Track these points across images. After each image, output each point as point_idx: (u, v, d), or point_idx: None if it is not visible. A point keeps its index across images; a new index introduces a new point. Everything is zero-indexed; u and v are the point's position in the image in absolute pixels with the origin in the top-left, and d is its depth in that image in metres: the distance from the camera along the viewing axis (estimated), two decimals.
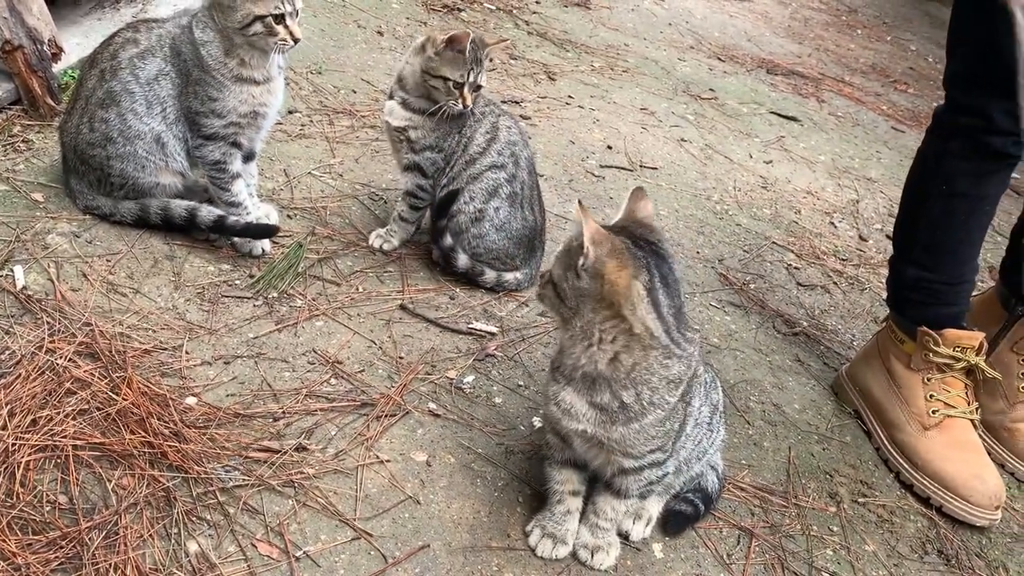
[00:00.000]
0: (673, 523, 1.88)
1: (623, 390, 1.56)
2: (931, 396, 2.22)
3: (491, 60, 2.39)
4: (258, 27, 2.15)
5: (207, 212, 2.29)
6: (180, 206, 2.29)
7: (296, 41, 2.20)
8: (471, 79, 2.31)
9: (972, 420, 2.22)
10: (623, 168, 3.44)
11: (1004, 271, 2.45)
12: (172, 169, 2.30)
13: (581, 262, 1.48)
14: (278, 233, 2.38)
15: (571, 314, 1.55)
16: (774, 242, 3.22)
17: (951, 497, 2.11)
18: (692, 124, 4.05)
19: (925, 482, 2.16)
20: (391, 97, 2.43)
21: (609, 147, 3.58)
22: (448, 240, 2.42)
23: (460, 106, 2.32)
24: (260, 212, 2.45)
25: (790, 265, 3.10)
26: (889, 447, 2.26)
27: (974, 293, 2.36)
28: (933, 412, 2.21)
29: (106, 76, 2.22)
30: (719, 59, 5.05)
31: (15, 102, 2.65)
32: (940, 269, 2.24)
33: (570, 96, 3.97)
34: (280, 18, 2.16)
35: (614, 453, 1.63)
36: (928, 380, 2.23)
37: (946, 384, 2.22)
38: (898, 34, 6.63)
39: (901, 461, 2.22)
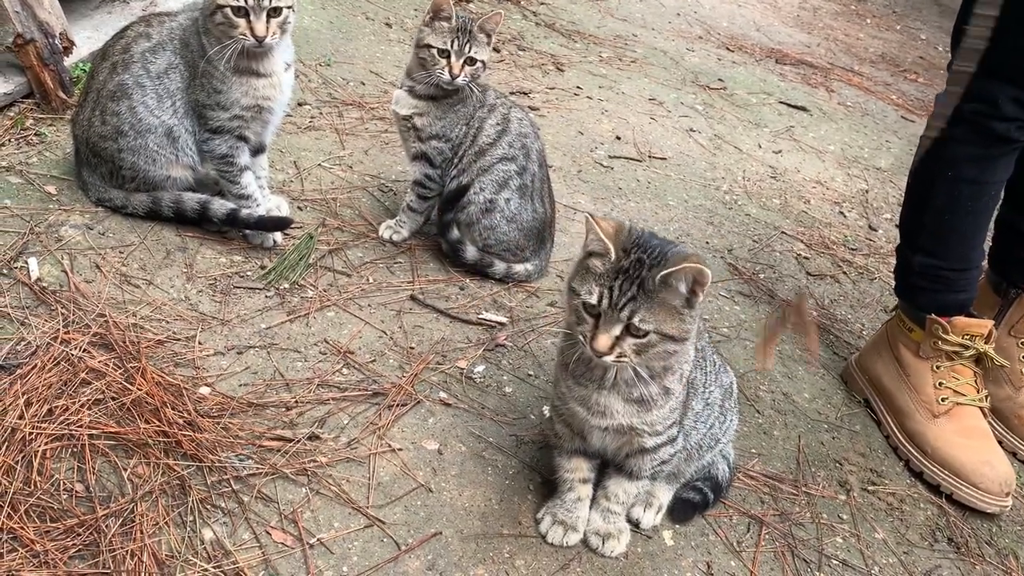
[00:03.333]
0: (680, 511, 1.89)
1: (671, 375, 1.58)
2: (940, 384, 2.22)
3: (488, 35, 2.36)
4: (219, 16, 2.11)
5: (219, 205, 2.30)
6: (192, 199, 2.31)
7: (258, 39, 2.11)
8: (456, 47, 2.31)
9: (981, 407, 2.22)
10: (632, 159, 3.44)
11: (992, 258, 2.44)
12: (183, 163, 2.31)
13: (701, 297, 1.47)
14: (291, 225, 2.39)
15: (681, 342, 1.51)
16: (783, 232, 3.22)
17: (961, 484, 2.12)
18: (701, 114, 4.05)
19: (935, 469, 2.16)
20: (400, 87, 2.45)
21: (618, 138, 3.58)
22: (455, 233, 2.43)
23: (446, 75, 2.32)
24: (271, 204, 2.46)
25: (799, 255, 3.10)
26: (899, 435, 2.26)
27: None
28: (942, 400, 2.21)
29: (118, 69, 2.23)
30: (728, 49, 5.04)
31: (27, 95, 2.67)
32: (947, 255, 2.23)
33: (578, 87, 3.97)
34: (241, 11, 2.09)
35: (641, 436, 1.65)
36: (937, 368, 2.23)
37: (955, 372, 2.22)
38: (908, 23, 6.59)
39: (911, 449, 2.22)
